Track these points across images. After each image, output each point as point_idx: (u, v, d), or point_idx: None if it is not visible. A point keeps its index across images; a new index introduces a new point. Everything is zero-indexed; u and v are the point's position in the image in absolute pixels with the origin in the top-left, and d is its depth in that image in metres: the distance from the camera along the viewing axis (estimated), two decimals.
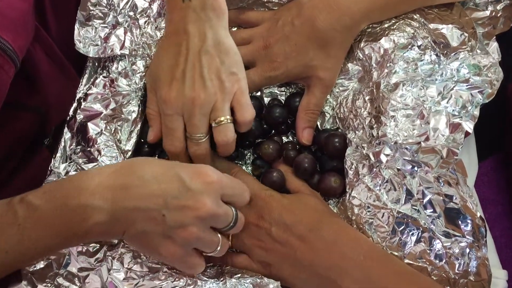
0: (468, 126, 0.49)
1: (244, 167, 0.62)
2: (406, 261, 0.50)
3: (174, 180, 0.45)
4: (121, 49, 0.56)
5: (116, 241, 0.52)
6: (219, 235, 0.49)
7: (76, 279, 0.49)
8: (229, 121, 0.54)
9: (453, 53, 0.55)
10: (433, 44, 0.56)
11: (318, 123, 0.62)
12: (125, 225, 0.44)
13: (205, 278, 0.51)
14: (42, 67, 0.57)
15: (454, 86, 0.51)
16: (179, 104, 0.53)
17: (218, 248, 0.49)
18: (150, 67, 0.58)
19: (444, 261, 0.49)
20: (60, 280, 0.49)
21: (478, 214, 0.49)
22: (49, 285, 0.48)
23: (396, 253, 0.50)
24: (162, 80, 0.54)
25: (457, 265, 0.49)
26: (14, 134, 0.54)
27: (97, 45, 0.56)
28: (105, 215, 0.43)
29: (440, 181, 0.50)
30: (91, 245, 0.51)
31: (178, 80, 0.53)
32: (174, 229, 0.45)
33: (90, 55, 0.56)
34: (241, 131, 0.56)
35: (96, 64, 0.59)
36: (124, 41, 0.57)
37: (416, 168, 0.51)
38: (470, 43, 0.55)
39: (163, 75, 0.54)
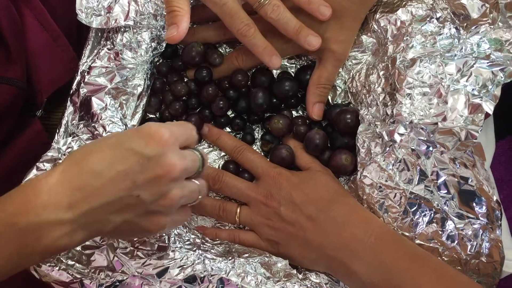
0: (489, 107, 0.47)
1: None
2: (417, 241, 0.49)
3: (130, 155, 0.39)
4: (125, 20, 0.54)
5: None
6: (196, 181, 0.45)
7: (80, 257, 0.49)
8: None
9: (474, 26, 0.52)
10: (452, 16, 0.53)
11: (329, 98, 0.60)
12: (96, 226, 0.40)
13: (213, 257, 0.50)
14: (31, 35, 0.55)
15: (474, 63, 0.49)
16: None
17: (200, 195, 0.46)
18: None
19: (456, 242, 0.49)
20: (63, 258, 0.48)
21: (494, 198, 0.48)
22: (53, 264, 0.48)
23: (407, 234, 0.50)
24: None
25: (469, 247, 0.49)
26: None
27: (100, 15, 0.54)
28: (67, 227, 0.38)
29: (456, 162, 0.49)
30: None
31: None
32: (155, 202, 0.41)
33: (93, 26, 0.54)
34: None
35: (99, 34, 0.56)
36: (128, 11, 0.54)
37: (431, 148, 0.49)
38: (491, 15, 0.52)
39: None
